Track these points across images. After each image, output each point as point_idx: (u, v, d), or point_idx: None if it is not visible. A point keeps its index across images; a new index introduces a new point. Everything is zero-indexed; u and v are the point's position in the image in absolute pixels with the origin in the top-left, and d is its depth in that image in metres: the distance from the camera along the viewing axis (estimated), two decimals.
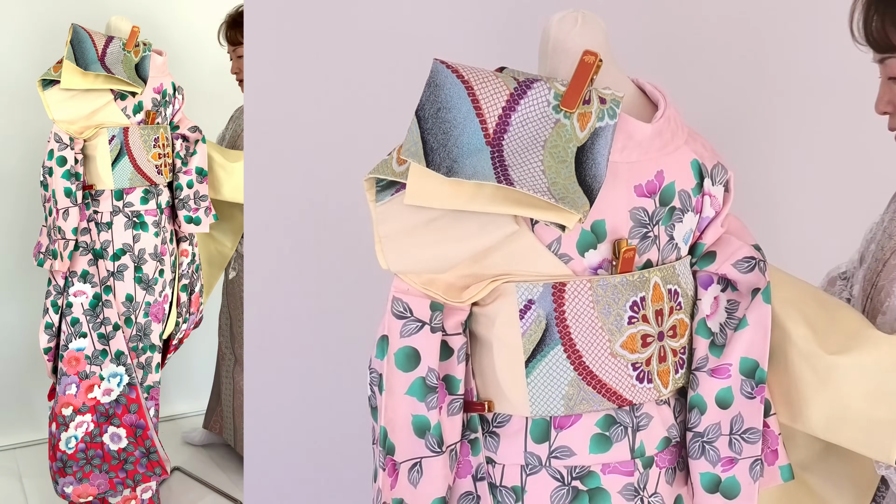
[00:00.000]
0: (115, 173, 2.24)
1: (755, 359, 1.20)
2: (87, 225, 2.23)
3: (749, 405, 1.21)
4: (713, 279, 1.24)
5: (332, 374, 2.14)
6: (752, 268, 1.22)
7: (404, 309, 1.14)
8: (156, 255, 2.33)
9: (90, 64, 2.17)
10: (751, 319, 1.20)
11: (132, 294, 2.29)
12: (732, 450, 1.21)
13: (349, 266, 2.08)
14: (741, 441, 1.21)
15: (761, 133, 2.07)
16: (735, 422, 1.21)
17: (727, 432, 1.21)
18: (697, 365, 1.22)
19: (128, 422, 2.26)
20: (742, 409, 1.21)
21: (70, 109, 2.18)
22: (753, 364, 1.20)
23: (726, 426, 1.21)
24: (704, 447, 1.22)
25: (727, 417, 1.21)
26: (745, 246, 1.23)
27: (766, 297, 1.20)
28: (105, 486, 2.25)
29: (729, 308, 1.23)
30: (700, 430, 1.21)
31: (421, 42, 2.02)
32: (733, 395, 1.21)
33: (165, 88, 2.36)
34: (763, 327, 1.20)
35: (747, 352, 1.20)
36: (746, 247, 1.23)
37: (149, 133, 2.30)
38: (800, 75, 2.01)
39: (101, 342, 2.23)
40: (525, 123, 1.07)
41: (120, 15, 2.34)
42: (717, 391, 1.21)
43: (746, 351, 1.20)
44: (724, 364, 1.21)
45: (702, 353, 1.22)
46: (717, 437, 1.21)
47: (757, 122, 2.06)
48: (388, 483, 1.15)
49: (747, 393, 1.21)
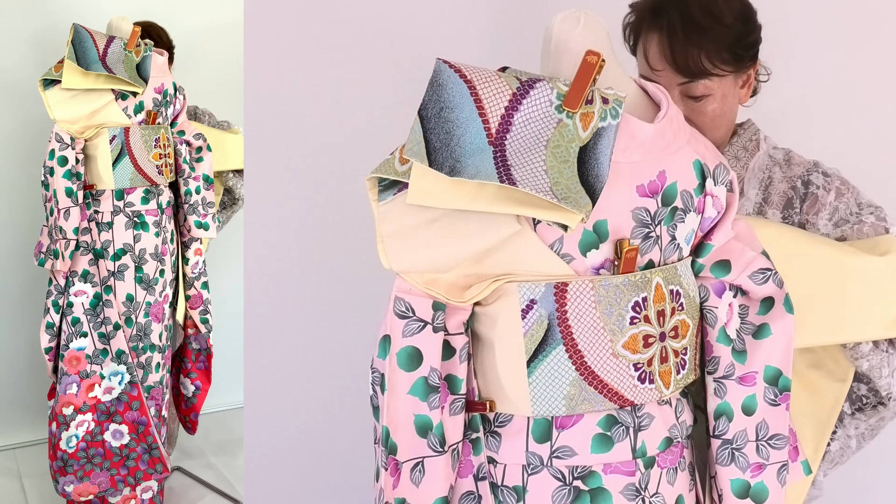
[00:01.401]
0: (116, 173, 2.24)
1: (779, 367, 1.24)
2: (87, 225, 2.23)
3: (773, 412, 1.25)
4: (726, 286, 1.26)
5: (333, 373, 2.14)
6: (767, 279, 1.24)
7: (406, 308, 1.14)
8: (156, 255, 2.33)
9: (91, 64, 2.17)
10: (774, 329, 1.23)
11: (132, 294, 2.29)
12: (760, 455, 1.25)
13: (349, 266, 2.09)
14: (768, 447, 1.25)
15: None
16: (760, 428, 1.25)
17: (753, 438, 1.25)
18: (725, 373, 1.25)
19: (129, 419, 2.27)
20: (766, 415, 1.25)
21: (71, 109, 2.19)
22: (777, 372, 1.24)
23: (752, 433, 1.25)
24: (734, 454, 1.25)
25: (752, 424, 1.25)
26: (759, 257, 1.25)
27: (788, 306, 1.24)
28: (106, 485, 2.25)
29: (741, 313, 1.26)
30: (729, 437, 1.25)
31: (423, 42, 2.02)
32: (757, 402, 1.24)
33: (166, 88, 2.36)
34: (786, 336, 1.24)
35: (772, 360, 1.24)
36: (760, 258, 1.25)
37: (149, 133, 2.30)
38: (800, 75, 2.01)
39: (101, 342, 2.23)
40: (527, 123, 1.08)
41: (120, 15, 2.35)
42: (743, 398, 1.24)
43: (770, 359, 1.24)
44: (750, 372, 1.24)
45: (727, 360, 1.25)
46: (745, 443, 1.25)
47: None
48: (390, 483, 1.15)
49: (771, 400, 1.25)
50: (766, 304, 1.25)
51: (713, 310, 1.25)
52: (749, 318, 1.25)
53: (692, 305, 1.23)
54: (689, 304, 1.22)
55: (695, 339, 1.25)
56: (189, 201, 2.41)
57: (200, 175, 2.43)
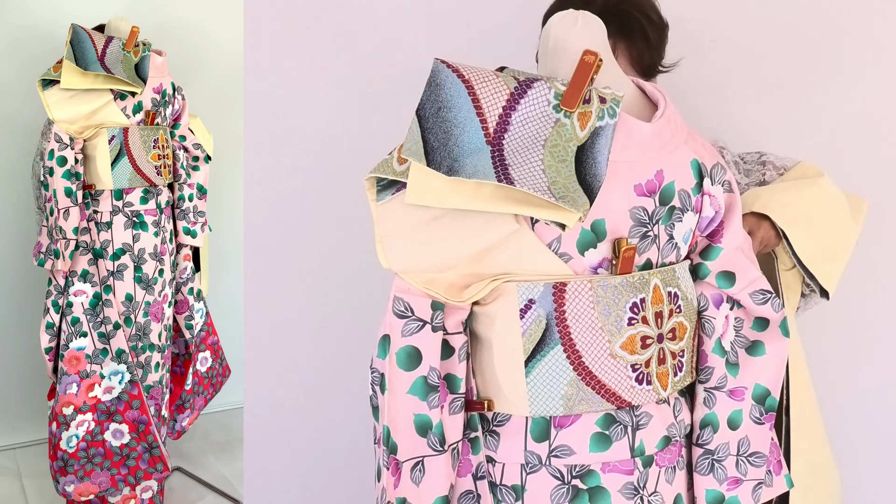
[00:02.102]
0: (115, 173, 2.24)
1: (768, 387, 1.27)
2: (86, 224, 2.23)
3: (757, 430, 1.27)
4: (723, 297, 1.28)
5: (333, 373, 2.14)
6: (766, 302, 1.26)
7: (405, 308, 1.14)
8: (155, 255, 2.33)
9: (90, 64, 2.17)
10: (769, 349, 1.27)
11: (132, 294, 2.29)
12: (738, 471, 1.27)
13: (349, 266, 2.09)
14: (747, 463, 1.27)
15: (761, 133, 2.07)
16: (742, 444, 1.27)
17: (735, 453, 1.27)
18: (717, 384, 1.27)
19: (130, 418, 2.27)
20: (749, 432, 1.27)
21: (70, 109, 2.18)
22: (765, 391, 1.27)
23: (734, 447, 1.27)
24: (714, 465, 1.27)
25: (735, 438, 1.27)
26: (761, 278, 1.27)
27: (784, 330, 1.27)
28: (106, 484, 2.25)
29: (736, 325, 1.29)
30: (712, 447, 1.27)
31: (422, 42, 2.02)
32: (742, 417, 1.27)
33: (165, 88, 2.36)
34: (779, 358, 1.27)
35: (762, 378, 1.26)
36: (762, 279, 1.27)
37: (148, 134, 2.30)
38: (800, 76, 2.02)
39: (101, 341, 2.23)
40: (525, 123, 1.08)
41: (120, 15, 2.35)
42: (730, 412, 1.26)
43: (761, 378, 1.26)
44: (740, 386, 1.27)
45: (720, 372, 1.27)
46: (726, 456, 1.27)
47: (756, 123, 2.06)
48: (391, 482, 1.15)
49: (755, 418, 1.27)
50: (761, 323, 1.28)
51: (711, 320, 1.27)
52: (743, 332, 1.28)
53: (690, 308, 1.24)
54: (686, 306, 1.23)
55: (692, 342, 1.26)
56: (181, 206, 2.46)
57: (195, 183, 2.49)
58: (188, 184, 2.46)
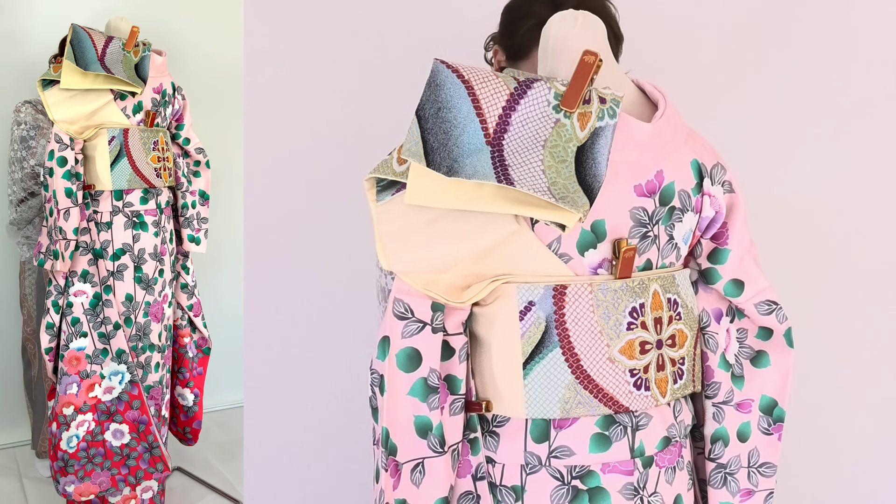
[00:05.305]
0: (114, 174, 2.24)
1: (774, 397, 1.29)
2: (86, 225, 2.23)
3: (766, 441, 1.30)
4: (723, 311, 1.29)
5: (333, 373, 2.14)
6: (772, 312, 1.28)
7: (405, 310, 1.14)
8: (155, 255, 2.33)
9: (90, 64, 2.17)
10: (773, 359, 1.29)
11: (132, 294, 2.29)
12: (750, 482, 1.29)
13: (349, 266, 2.09)
14: (758, 474, 1.30)
15: (760, 133, 2.07)
16: (752, 455, 1.30)
17: (746, 465, 1.29)
18: (725, 399, 1.29)
19: (130, 418, 2.27)
20: (759, 443, 1.29)
21: (70, 109, 2.18)
22: (772, 402, 1.29)
23: (745, 459, 1.29)
24: (727, 478, 1.29)
25: (745, 450, 1.29)
26: (769, 289, 1.28)
27: (789, 340, 1.28)
28: (107, 484, 2.25)
29: (739, 336, 1.30)
30: (724, 461, 1.29)
31: (422, 42, 2.02)
32: (751, 429, 1.29)
33: (165, 88, 2.36)
34: (785, 369, 1.29)
35: (767, 389, 1.29)
36: (770, 290, 1.28)
37: (148, 136, 2.30)
38: (799, 76, 2.02)
39: (101, 341, 2.23)
40: (525, 123, 1.07)
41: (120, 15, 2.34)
42: (739, 425, 1.28)
43: (766, 388, 1.29)
44: (746, 399, 1.29)
45: (727, 387, 1.29)
46: (738, 468, 1.29)
47: (756, 123, 2.07)
48: (390, 484, 1.15)
49: (764, 429, 1.30)
50: (765, 332, 1.29)
51: (714, 335, 1.28)
52: (748, 342, 1.30)
53: (690, 316, 1.24)
54: (686, 314, 1.23)
55: (693, 351, 1.26)
56: (185, 214, 2.46)
57: (197, 190, 2.49)
58: (190, 191, 2.46)
